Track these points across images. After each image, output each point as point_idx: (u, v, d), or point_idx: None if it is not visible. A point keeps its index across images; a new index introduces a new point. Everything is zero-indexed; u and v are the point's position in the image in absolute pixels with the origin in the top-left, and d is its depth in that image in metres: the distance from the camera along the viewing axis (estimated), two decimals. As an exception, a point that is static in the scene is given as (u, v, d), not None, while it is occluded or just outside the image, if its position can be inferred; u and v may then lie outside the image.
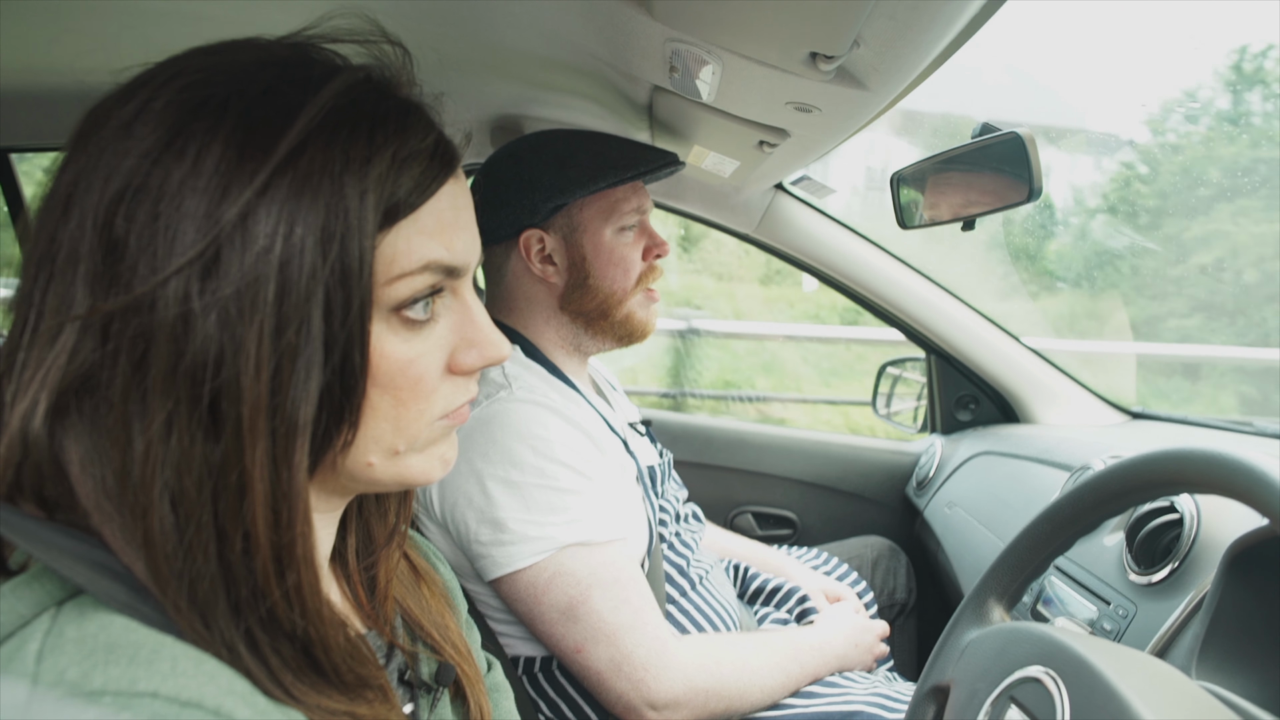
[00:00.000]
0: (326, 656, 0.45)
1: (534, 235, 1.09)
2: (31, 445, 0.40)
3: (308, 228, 0.41)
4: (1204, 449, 0.61)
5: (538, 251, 1.09)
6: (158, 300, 0.39)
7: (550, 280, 1.10)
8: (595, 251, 1.09)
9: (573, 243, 1.09)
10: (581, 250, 1.09)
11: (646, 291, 1.14)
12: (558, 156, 1.09)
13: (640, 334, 1.15)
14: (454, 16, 0.85)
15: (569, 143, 1.11)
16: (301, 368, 0.41)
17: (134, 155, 0.40)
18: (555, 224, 1.09)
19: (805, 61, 0.65)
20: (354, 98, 0.44)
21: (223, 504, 0.41)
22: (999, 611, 0.75)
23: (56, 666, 0.36)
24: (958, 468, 1.66)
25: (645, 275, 1.13)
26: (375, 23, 0.48)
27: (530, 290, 1.12)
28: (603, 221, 1.09)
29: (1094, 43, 5.58)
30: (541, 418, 0.98)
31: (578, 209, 1.09)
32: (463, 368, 0.50)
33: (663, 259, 1.15)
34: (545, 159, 1.09)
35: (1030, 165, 0.97)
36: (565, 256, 1.10)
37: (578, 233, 1.09)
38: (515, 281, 1.12)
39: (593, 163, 1.07)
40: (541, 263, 1.10)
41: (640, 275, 1.12)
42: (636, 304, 1.13)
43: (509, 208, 1.08)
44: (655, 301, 1.16)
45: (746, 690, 1.00)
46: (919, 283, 1.69)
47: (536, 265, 1.09)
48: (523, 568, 0.94)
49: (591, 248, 1.09)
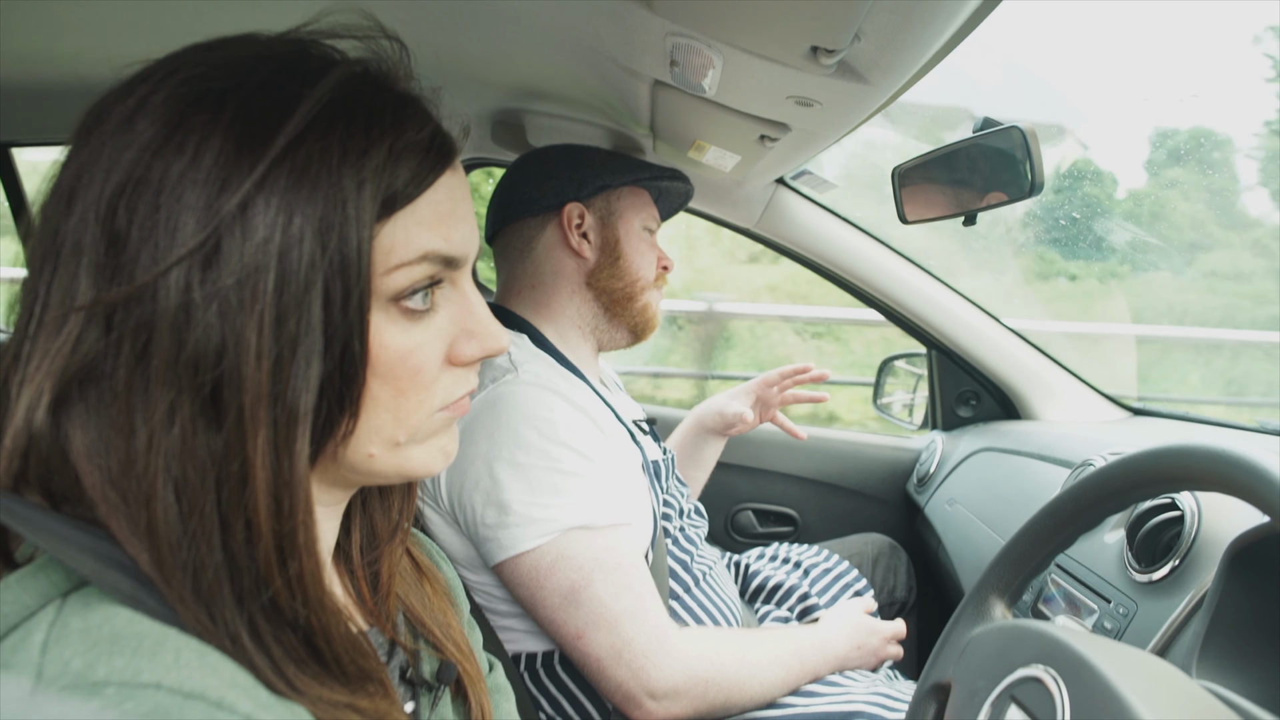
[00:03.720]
0: (329, 646, 0.45)
1: (576, 209, 1.16)
2: (37, 435, 0.41)
3: (306, 218, 0.41)
4: (1207, 446, 0.61)
5: (576, 226, 1.16)
6: (159, 291, 0.40)
7: (583, 254, 1.17)
8: (627, 237, 1.19)
9: (609, 224, 1.18)
10: (616, 233, 1.18)
11: (660, 291, 1.24)
12: (605, 151, 1.21)
13: (649, 328, 1.23)
14: (455, 12, 0.85)
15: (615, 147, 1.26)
16: (302, 357, 0.42)
17: (135, 149, 0.40)
18: (596, 204, 1.17)
19: (806, 55, 0.65)
20: (351, 90, 0.45)
21: (225, 493, 0.41)
22: (1000, 608, 0.75)
23: (61, 657, 0.36)
24: (958, 464, 1.66)
25: (658, 279, 1.24)
26: (372, 18, 0.49)
27: (561, 263, 1.17)
28: (635, 214, 1.20)
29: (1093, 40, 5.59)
30: (547, 400, 0.99)
31: (617, 196, 1.18)
32: (462, 358, 0.51)
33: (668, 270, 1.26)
34: (593, 150, 1.21)
35: (1031, 159, 0.96)
36: (600, 236, 1.18)
37: (615, 216, 1.18)
38: (546, 253, 1.18)
39: (635, 162, 1.20)
40: (579, 236, 1.16)
41: (655, 275, 1.23)
42: (654, 298, 1.23)
43: (556, 180, 1.16)
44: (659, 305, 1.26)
45: (746, 683, 0.99)
46: (920, 277, 1.69)
47: (575, 237, 1.16)
48: (526, 550, 0.94)
49: (625, 232, 1.18)
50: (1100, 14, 5.05)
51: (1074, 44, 5.46)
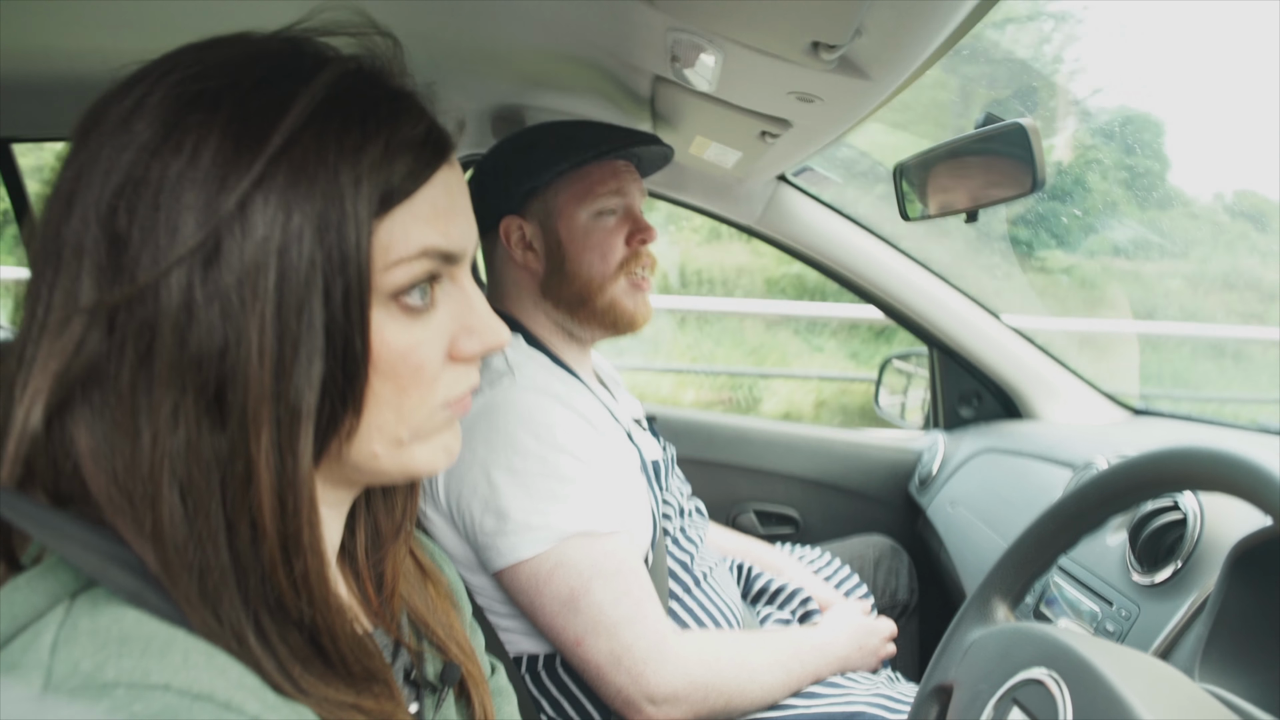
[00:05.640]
0: (334, 646, 0.46)
1: (513, 222, 1.10)
2: (41, 437, 0.41)
3: (304, 216, 0.41)
4: (1211, 447, 0.61)
5: (518, 239, 1.10)
6: (161, 291, 0.40)
7: (531, 267, 1.11)
8: (570, 236, 1.08)
9: (549, 228, 1.09)
10: (557, 235, 1.09)
11: (631, 278, 1.11)
12: (529, 142, 1.11)
13: (628, 323, 1.12)
14: (456, 8, 0.85)
15: (544, 130, 1.12)
16: (304, 355, 0.42)
17: (132, 149, 0.41)
18: (532, 210, 1.09)
19: (807, 51, 0.65)
20: (345, 87, 0.45)
21: (230, 493, 0.41)
22: (1003, 610, 0.74)
23: (71, 658, 0.37)
24: (960, 465, 1.66)
25: (628, 261, 1.10)
26: (365, 14, 0.49)
27: (516, 278, 1.13)
28: (577, 205, 1.08)
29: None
30: (544, 405, 0.99)
31: (552, 194, 1.08)
32: (463, 354, 0.51)
33: (649, 244, 1.12)
34: (517, 145, 1.11)
35: (1034, 155, 0.96)
36: (543, 242, 1.10)
37: (553, 218, 1.09)
38: (503, 270, 1.14)
39: (560, 145, 1.07)
40: (522, 250, 1.10)
41: (622, 261, 1.10)
42: (620, 291, 1.10)
43: (489, 196, 1.10)
44: (642, 290, 1.13)
45: (746, 687, 0.99)
46: (922, 276, 1.68)
47: (518, 253, 1.10)
48: (525, 559, 0.93)
49: (566, 232, 1.08)
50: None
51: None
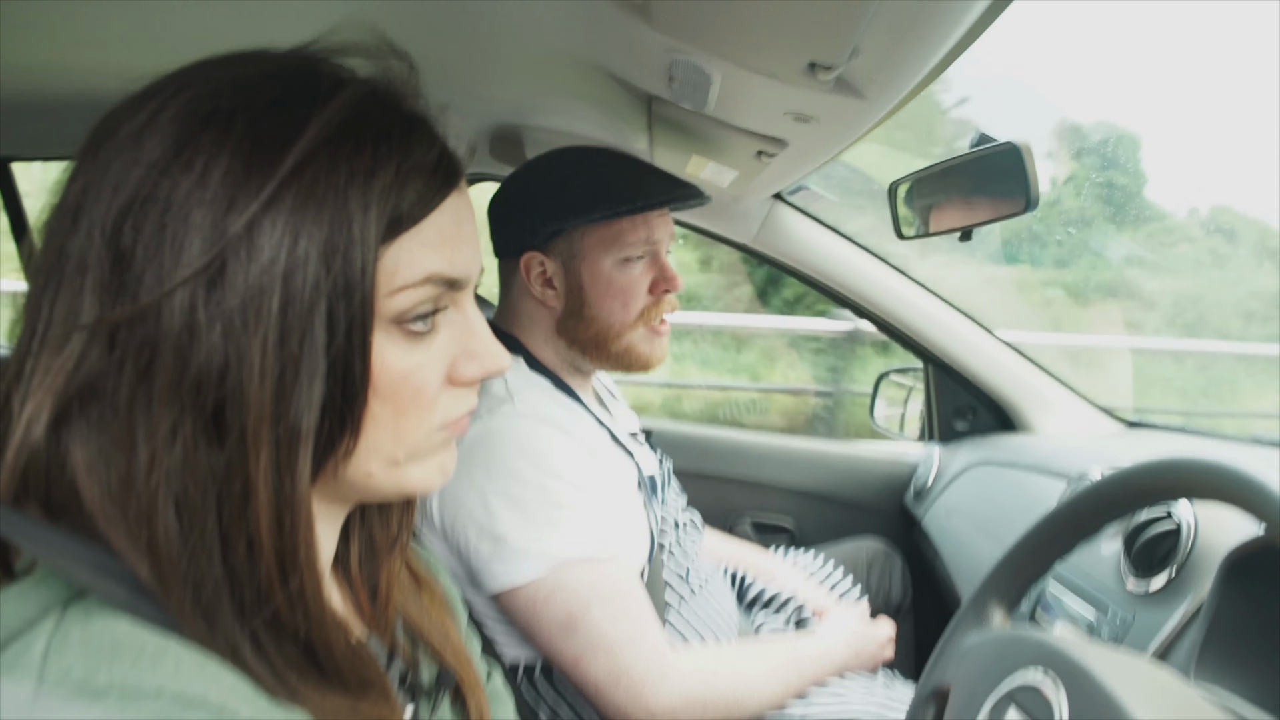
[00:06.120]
0: (330, 659, 0.45)
1: (535, 258, 1.07)
2: (37, 450, 0.40)
3: (312, 240, 0.41)
4: (1205, 459, 0.62)
5: (538, 274, 1.07)
6: (164, 311, 0.39)
7: (550, 304, 1.08)
8: (593, 281, 1.06)
9: (571, 270, 1.06)
10: (579, 278, 1.06)
11: (650, 326, 1.09)
12: (563, 180, 1.06)
13: (642, 366, 1.10)
14: (453, 27, 0.86)
15: (579, 165, 1.07)
16: (304, 378, 0.42)
17: (142, 166, 0.40)
18: (556, 248, 1.06)
19: (804, 71, 0.66)
20: (359, 111, 0.44)
21: (226, 510, 0.41)
22: (999, 614, 0.75)
23: (62, 665, 0.36)
24: (955, 477, 1.67)
25: (650, 310, 1.08)
26: (382, 35, 0.49)
27: (531, 310, 1.11)
28: (603, 252, 1.05)
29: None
30: (543, 432, 0.98)
31: (579, 235, 1.05)
32: (463, 379, 0.51)
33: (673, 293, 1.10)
34: (550, 180, 1.07)
35: (1028, 175, 0.98)
36: (564, 282, 1.07)
37: (577, 260, 1.06)
38: (520, 298, 1.12)
39: (594, 190, 1.03)
40: (541, 285, 1.07)
41: (643, 310, 1.08)
42: (638, 338, 1.08)
43: (513, 226, 1.08)
44: (661, 335, 1.11)
45: (744, 701, 1.00)
46: (916, 292, 1.70)
47: (536, 288, 1.07)
48: (522, 584, 0.94)
49: (590, 277, 1.06)
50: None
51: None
